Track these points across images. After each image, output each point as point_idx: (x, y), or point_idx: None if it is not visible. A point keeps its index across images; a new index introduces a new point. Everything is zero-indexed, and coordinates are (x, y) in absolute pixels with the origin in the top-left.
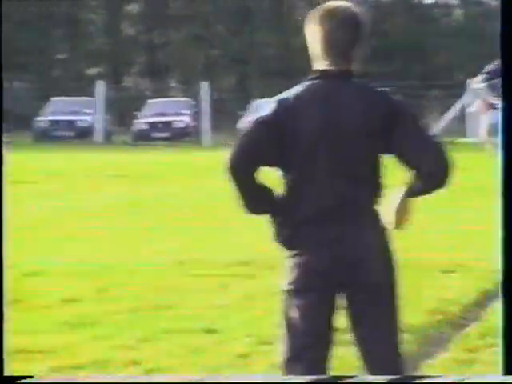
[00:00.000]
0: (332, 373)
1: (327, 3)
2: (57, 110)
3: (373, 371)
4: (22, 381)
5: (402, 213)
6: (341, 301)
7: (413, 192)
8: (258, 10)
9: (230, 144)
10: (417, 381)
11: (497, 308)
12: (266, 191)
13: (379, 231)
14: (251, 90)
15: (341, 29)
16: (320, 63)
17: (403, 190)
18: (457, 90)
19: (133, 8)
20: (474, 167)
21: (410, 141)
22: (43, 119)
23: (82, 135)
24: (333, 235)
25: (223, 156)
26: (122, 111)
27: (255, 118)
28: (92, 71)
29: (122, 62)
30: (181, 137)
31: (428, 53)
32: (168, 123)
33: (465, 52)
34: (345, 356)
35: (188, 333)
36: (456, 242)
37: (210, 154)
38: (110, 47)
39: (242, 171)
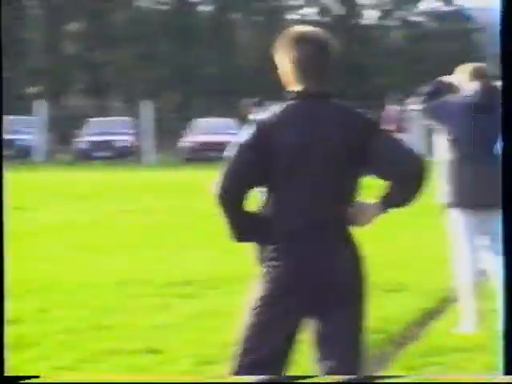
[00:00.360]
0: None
1: (296, 28)
2: None
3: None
4: (24, 381)
5: (368, 221)
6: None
7: (390, 201)
8: (201, 29)
9: (171, 163)
10: (376, 381)
11: (437, 326)
12: (255, 218)
13: (354, 251)
14: (194, 109)
15: (319, 52)
16: (296, 85)
17: (379, 201)
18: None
19: (73, 26)
20: None
21: (387, 154)
22: None
23: (23, 154)
24: (308, 254)
25: (164, 175)
26: (63, 130)
27: (239, 143)
28: (32, 90)
29: (64, 80)
30: (123, 156)
31: (368, 73)
32: (110, 142)
33: (404, 72)
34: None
35: (130, 353)
36: (398, 261)
37: (150, 174)
38: (51, 66)
39: (233, 196)
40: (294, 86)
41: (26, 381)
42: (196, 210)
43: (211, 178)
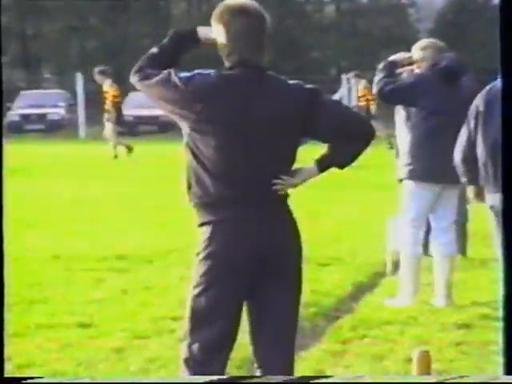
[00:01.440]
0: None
1: (232, 0)
2: None
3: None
4: (23, 382)
5: (302, 181)
6: (248, 291)
7: (331, 161)
8: (134, 1)
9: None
10: (312, 381)
11: (369, 300)
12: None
13: (291, 225)
14: (127, 82)
15: (257, 25)
16: (234, 56)
17: (318, 161)
18: (331, 85)
19: None
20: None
21: (335, 118)
22: None
23: None
24: (245, 227)
25: (96, 148)
26: None
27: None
28: None
29: None
30: (56, 129)
31: (301, 48)
32: (42, 115)
33: (337, 48)
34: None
35: (62, 327)
36: (331, 236)
37: (83, 147)
38: None
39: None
40: (232, 57)
41: (24, 382)
42: (130, 184)
43: (144, 152)
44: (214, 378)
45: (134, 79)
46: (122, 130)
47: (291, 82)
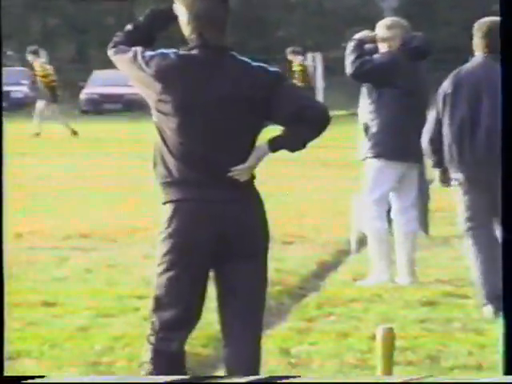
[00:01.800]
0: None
1: None
2: None
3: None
4: (23, 381)
5: (256, 162)
6: (212, 273)
7: (283, 143)
8: None
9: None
10: (280, 381)
11: (334, 278)
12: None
13: (255, 202)
14: (91, 61)
15: (217, 4)
16: (196, 36)
17: (271, 141)
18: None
19: None
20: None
21: (293, 102)
22: None
23: None
24: (208, 207)
25: (59, 126)
26: None
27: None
28: None
29: None
30: (18, 107)
31: (267, 26)
32: (5, 93)
33: (302, 26)
34: None
35: (26, 306)
36: (295, 214)
37: (47, 126)
38: None
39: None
40: (193, 38)
41: (24, 381)
42: (93, 163)
43: (108, 130)
44: (177, 378)
45: (109, 53)
46: (86, 109)
47: (255, 63)
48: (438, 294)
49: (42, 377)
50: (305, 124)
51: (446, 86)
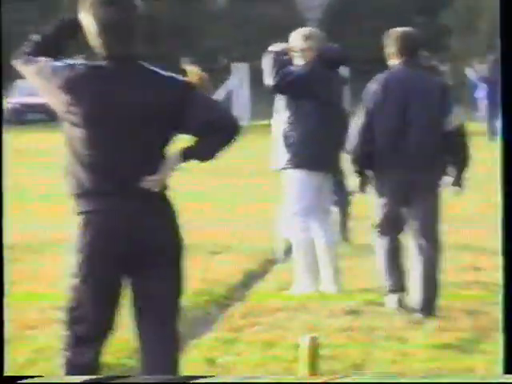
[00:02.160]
0: None
1: None
2: None
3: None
4: (23, 381)
5: (168, 173)
6: (125, 284)
7: (193, 154)
8: None
9: None
10: (192, 381)
11: (260, 288)
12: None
13: (167, 213)
14: (13, 69)
15: (127, 14)
16: (103, 47)
17: (181, 152)
18: (222, 75)
19: None
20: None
21: (203, 113)
22: None
23: None
24: (117, 217)
25: None
26: None
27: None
28: None
29: None
30: None
31: (193, 37)
32: None
33: (228, 37)
34: None
35: None
36: (223, 223)
37: None
38: None
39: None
40: (100, 49)
41: (23, 381)
42: (16, 173)
43: (32, 141)
44: (88, 378)
45: (15, 64)
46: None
47: (165, 73)
48: (361, 302)
49: (42, 377)
50: (215, 134)
51: (374, 87)
